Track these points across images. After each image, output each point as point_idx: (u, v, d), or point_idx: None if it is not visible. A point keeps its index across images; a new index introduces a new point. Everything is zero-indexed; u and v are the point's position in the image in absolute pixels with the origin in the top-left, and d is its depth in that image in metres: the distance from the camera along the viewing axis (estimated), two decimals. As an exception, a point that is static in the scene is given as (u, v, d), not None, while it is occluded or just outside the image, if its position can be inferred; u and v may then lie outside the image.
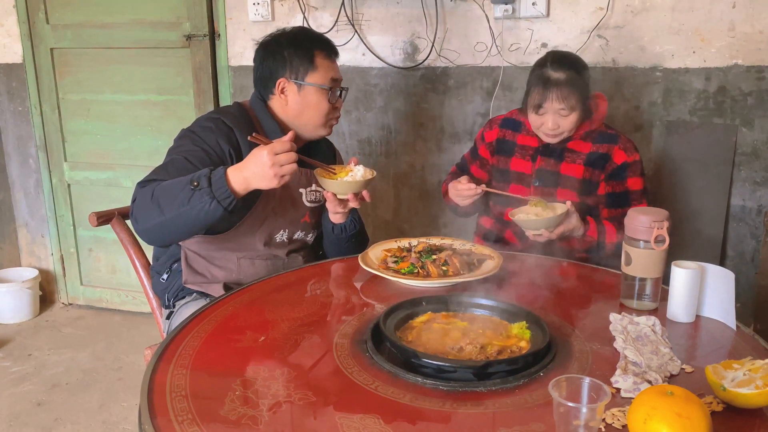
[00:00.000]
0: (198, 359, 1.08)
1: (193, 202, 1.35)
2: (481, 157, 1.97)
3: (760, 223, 2.19)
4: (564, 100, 1.69)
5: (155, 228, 1.42)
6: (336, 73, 1.67)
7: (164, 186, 1.40)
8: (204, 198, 1.34)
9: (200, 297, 1.63)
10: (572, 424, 0.83)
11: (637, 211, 1.31)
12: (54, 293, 3.36)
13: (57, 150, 3.10)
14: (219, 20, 2.71)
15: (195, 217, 1.37)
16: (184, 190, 1.36)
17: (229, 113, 1.63)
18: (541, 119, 1.75)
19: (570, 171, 1.81)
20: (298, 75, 1.62)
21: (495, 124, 1.96)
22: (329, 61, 1.66)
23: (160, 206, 1.38)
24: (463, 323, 1.20)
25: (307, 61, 1.62)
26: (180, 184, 1.38)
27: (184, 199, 1.36)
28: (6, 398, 2.45)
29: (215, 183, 1.35)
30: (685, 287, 1.23)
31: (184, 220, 1.38)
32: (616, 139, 1.80)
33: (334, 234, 1.72)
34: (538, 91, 1.72)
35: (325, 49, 1.66)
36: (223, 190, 1.35)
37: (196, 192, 1.35)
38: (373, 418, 0.90)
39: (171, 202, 1.37)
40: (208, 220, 1.38)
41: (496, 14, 2.31)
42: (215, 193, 1.35)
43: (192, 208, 1.35)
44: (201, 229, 1.47)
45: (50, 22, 2.94)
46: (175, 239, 1.58)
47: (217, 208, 1.35)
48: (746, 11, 2.08)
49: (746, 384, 0.91)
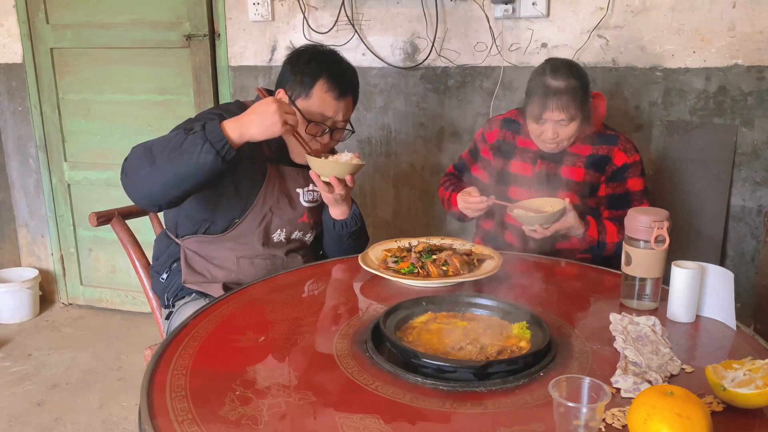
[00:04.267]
0: (198, 359, 1.08)
1: (185, 146, 1.30)
2: (483, 158, 1.96)
3: (760, 223, 2.19)
4: (564, 110, 1.67)
5: (145, 179, 1.37)
6: (332, 111, 1.58)
7: (158, 138, 1.39)
8: (197, 141, 1.30)
9: (200, 297, 1.63)
10: (572, 424, 0.83)
11: (637, 211, 1.31)
12: (54, 293, 3.36)
13: (57, 150, 3.10)
14: (219, 20, 2.71)
15: (186, 163, 1.31)
16: (176, 137, 1.33)
17: (229, 110, 1.63)
18: (541, 128, 1.73)
19: (570, 174, 1.80)
20: (294, 93, 1.60)
21: (495, 124, 1.94)
22: (330, 96, 1.57)
23: (152, 154, 1.35)
24: (463, 323, 1.20)
25: (308, 86, 1.58)
26: (173, 133, 1.36)
27: (176, 144, 1.32)
28: (6, 398, 2.45)
29: (209, 127, 1.32)
30: (685, 287, 1.23)
31: (175, 168, 1.33)
32: (615, 140, 1.80)
33: (335, 230, 1.72)
34: (538, 102, 1.69)
35: (333, 82, 1.57)
36: (217, 133, 1.31)
37: (189, 136, 1.31)
38: (373, 418, 0.90)
39: (162, 150, 1.34)
40: (200, 168, 1.32)
41: (496, 14, 2.31)
42: (209, 136, 1.30)
43: (184, 152, 1.31)
44: (193, 183, 1.38)
45: (50, 22, 2.94)
46: (165, 196, 1.42)
47: (209, 152, 1.30)
48: (746, 11, 2.08)
49: (746, 384, 0.91)
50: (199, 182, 1.38)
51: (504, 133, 1.91)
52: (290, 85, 1.61)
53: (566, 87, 1.67)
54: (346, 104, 1.62)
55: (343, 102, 1.61)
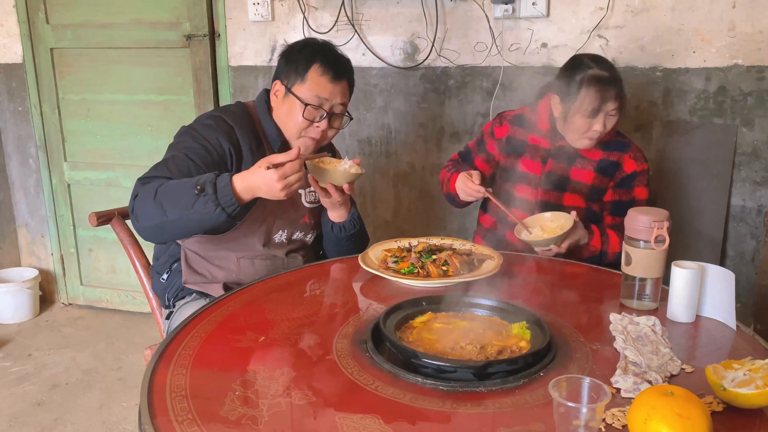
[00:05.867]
0: (198, 359, 1.08)
1: (197, 207, 1.36)
2: (488, 152, 1.93)
3: (760, 223, 2.19)
4: (619, 99, 1.67)
5: (155, 227, 1.43)
6: (328, 93, 1.59)
7: (167, 187, 1.41)
8: (208, 204, 1.35)
9: (200, 297, 1.63)
10: (572, 424, 0.83)
11: (637, 211, 1.31)
12: (54, 293, 3.36)
13: (57, 150, 3.10)
14: (219, 20, 2.71)
15: (198, 221, 1.38)
16: (188, 193, 1.37)
17: (231, 112, 1.63)
18: (591, 122, 1.68)
19: (580, 176, 1.79)
20: (289, 81, 1.61)
21: (505, 120, 1.91)
22: (325, 79, 1.59)
23: (162, 207, 1.39)
24: (463, 323, 1.20)
25: (302, 71, 1.59)
26: (184, 187, 1.38)
27: (188, 203, 1.36)
28: (6, 398, 2.45)
29: (221, 190, 1.36)
30: (685, 287, 1.23)
31: (185, 223, 1.40)
32: (626, 147, 1.79)
33: (333, 233, 1.72)
34: (594, 93, 1.65)
35: (326, 65, 1.59)
36: (228, 198, 1.36)
37: (201, 197, 1.35)
38: (373, 418, 0.90)
39: (174, 205, 1.38)
40: (210, 224, 1.40)
41: (496, 14, 2.31)
42: (220, 200, 1.35)
43: (195, 212, 1.36)
44: (201, 231, 1.51)
45: (50, 22, 2.94)
46: (174, 238, 1.61)
47: (220, 215, 1.36)
48: (746, 11, 2.08)
49: (746, 384, 0.91)
50: (208, 230, 1.49)
51: (515, 130, 1.88)
52: (285, 74, 1.62)
53: (613, 77, 1.67)
54: (342, 88, 1.62)
55: (339, 86, 1.61)
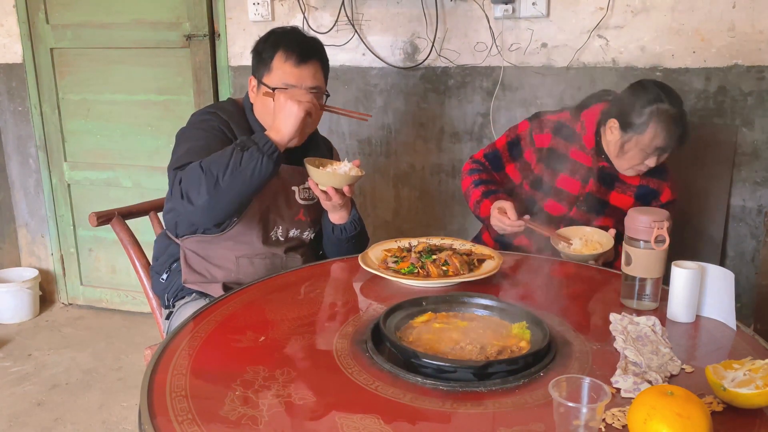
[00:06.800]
0: (198, 359, 1.08)
1: (245, 162, 1.42)
2: (525, 160, 1.83)
3: (760, 223, 2.19)
4: (683, 140, 1.62)
5: (210, 202, 1.44)
6: (294, 79, 1.58)
7: (210, 159, 1.45)
8: (254, 155, 1.42)
9: (200, 297, 1.63)
10: (572, 424, 0.83)
11: (637, 211, 1.31)
12: (54, 293, 3.36)
13: (57, 150, 3.10)
14: (219, 20, 2.71)
15: (249, 177, 1.43)
16: (233, 155, 1.43)
17: (223, 108, 1.66)
18: (641, 157, 1.64)
19: (618, 201, 1.76)
20: (259, 74, 1.62)
21: (546, 127, 1.78)
22: (289, 65, 1.58)
23: (214, 176, 1.42)
24: (463, 323, 1.20)
25: (268, 61, 1.60)
26: (226, 153, 1.44)
27: (235, 162, 1.42)
28: (6, 398, 2.45)
29: (259, 141, 1.44)
30: (685, 287, 1.23)
31: (239, 185, 1.43)
32: (666, 175, 1.76)
33: (335, 235, 1.72)
34: (659, 132, 1.59)
35: (288, 50, 1.58)
36: (269, 145, 1.44)
37: (245, 153, 1.42)
38: (373, 418, 0.90)
39: (224, 169, 1.42)
40: (261, 179, 1.44)
41: (496, 14, 2.31)
42: (263, 149, 1.43)
43: (246, 167, 1.42)
44: (253, 194, 1.50)
45: (50, 22, 2.94)
46: (228, 213, 1.52)
47: (267, 164, 1.43)
48: (746, 11, 2.08)
49: (746, 384, 0.91)
50: (256, 192, 1.51)
51: (557, 141, 1.77)
52: (256, 68, 1.64)
53: (683, 113, 1.61)
54: (310, 70, 1.60)
55: (306, 69, 1.59)
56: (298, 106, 1.46)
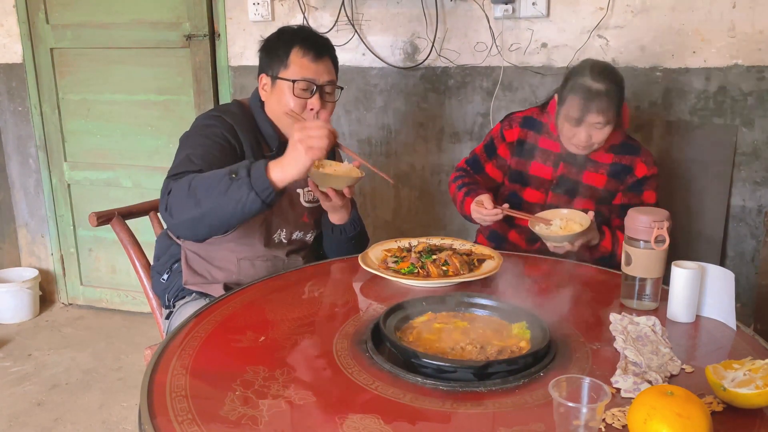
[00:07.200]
0: (198, 359, 1.08)
1: (231, 193, 1.30)
2: (500, 156, 1.90)
3: (760, 223, 2.19)
4: (603, 113, 1.64)
5: (190, 221, 1.37)
6: (312, 73, 1.58)
7: (201, 177, 1.36)
8: (242, 188, 1.29)
9: (200, 297, 1.63)
10: (572, 424, 0.83)
11: (637, 211, 1.31)
12: (54, 293, 3.36)
13: (57, 150, 3.10)
14: (219, 20, 2.71)
15: (233, 209, 1.32)
16: (222, 181, 1.31)
17: (230, 112, 1.63)
18: (575, 131, 1.69)
19: (592, 180, 1.78)
20: (273, 70, 1.61)
21: (515, 122, 1.88)
22: (306, 60, 1.58)
23: (197, 197, 1.34)
24: (463, 323, 1.20)
25: (284, 57, 1.59)
26: (217, 175, 1.33)
27: (222, 189, 1.31)
28: (6, 398, 2.45)
29: (254, 173, 1.30)
30: (685, 287, 1.23)
31: (220, 212, 1.33)
32: (638, 151, 1.78)
33: (334, 235, 1.72)
34: (577, 103, 1.65)
35: (305, 47, 1.59)
36: (262, 180, 1.29)
37: (234, 182, 1.30)
38: (373, 418, 0.90)
39: (208, 194, 1.33)
40: (245, 212, 1.33)
41: (496, 14, 2.31)
42: (254, 183, 1.29)
43: (230, 198, 1.30)
44: (237, 223, 1.40)
45: (50, 22, 2.94)
46: (209, 233, 1.47)
47: (255, 201, 1.30)
48: (746, 11, 2.08)
49: (746, 384, 0.91)
50: (243, 220, 1.38)
51: (525, 132, 1.86)
52: (268, 65, 1.62)
53: (606, 89, 1.64)
54: (326, 66, 1.62)
55: (322, 64, 1.61)
56: (306, 154, 1.30)
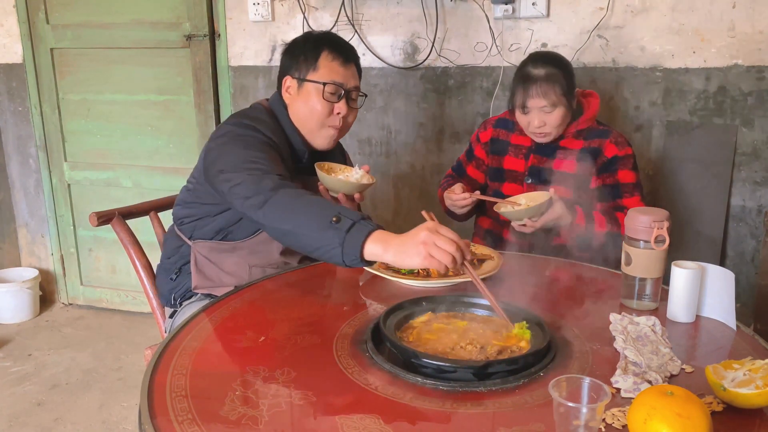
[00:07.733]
0: (198, 359, 1.08)
1: (323, 233, 1.21)
2: (477, 157, 2.00)
3: (760, 223, 2.19)
4: (545, 96, 1.73)
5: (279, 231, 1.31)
6: (341, 77, 1.60)
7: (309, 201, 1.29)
8: (334, 239, 1.19)
9: (206, 298, 1.63)
10: (572, 424, 0.83)
11: (637, 211, 1.31)
12: (54, 293, 3.36)
13: (57, 150, 3.10)
14: (219, 20, 2.71)
15: (315, 246, 1.24)
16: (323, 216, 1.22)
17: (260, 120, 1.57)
18: (527, 118, 1.78)
19: (563, 167, 1.81)
20: (301, 73, 1.61)
21: (489, 124, 1.99)
22: (336, 64, 1.60)
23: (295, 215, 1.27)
24: (463, 323, 1.20)
25: (312, 60, 1.60)
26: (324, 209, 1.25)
27: (319, 225, 1.22)
28: (6, 398, 2.45)
29: (354, 233, 1.18)
30: (685, 287, 1.23)
31: (303, 241, 1.27)
32: (607, 134, 1.82)
33: None
34: (520, 91, 1.76)
35: (335, 51, 1.61)
36: (356, 248, 1.18)
37: (332, 228, 1.20)
38: (373, 418, 0.90)
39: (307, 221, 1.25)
40: (321, 256, 1.25)
41: (496, 14, 2.31)
42: (347, 242, 1.18)
43: (319, 237, 1.22)
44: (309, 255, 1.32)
45: (50, 22, 2.94)
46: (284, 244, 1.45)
47: (337, 257, 1.20)
48: (746, 11, 2.08)
49: (746, 384, 0.91)
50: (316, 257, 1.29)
51: (498, 132, 1.96)
52: (295, 67, 1.62)
53: (546, 74, 1.74)
54: (353, 72, 1.65)
55: (350, 69, 1.64)
56: (423, 259, 1.15)
